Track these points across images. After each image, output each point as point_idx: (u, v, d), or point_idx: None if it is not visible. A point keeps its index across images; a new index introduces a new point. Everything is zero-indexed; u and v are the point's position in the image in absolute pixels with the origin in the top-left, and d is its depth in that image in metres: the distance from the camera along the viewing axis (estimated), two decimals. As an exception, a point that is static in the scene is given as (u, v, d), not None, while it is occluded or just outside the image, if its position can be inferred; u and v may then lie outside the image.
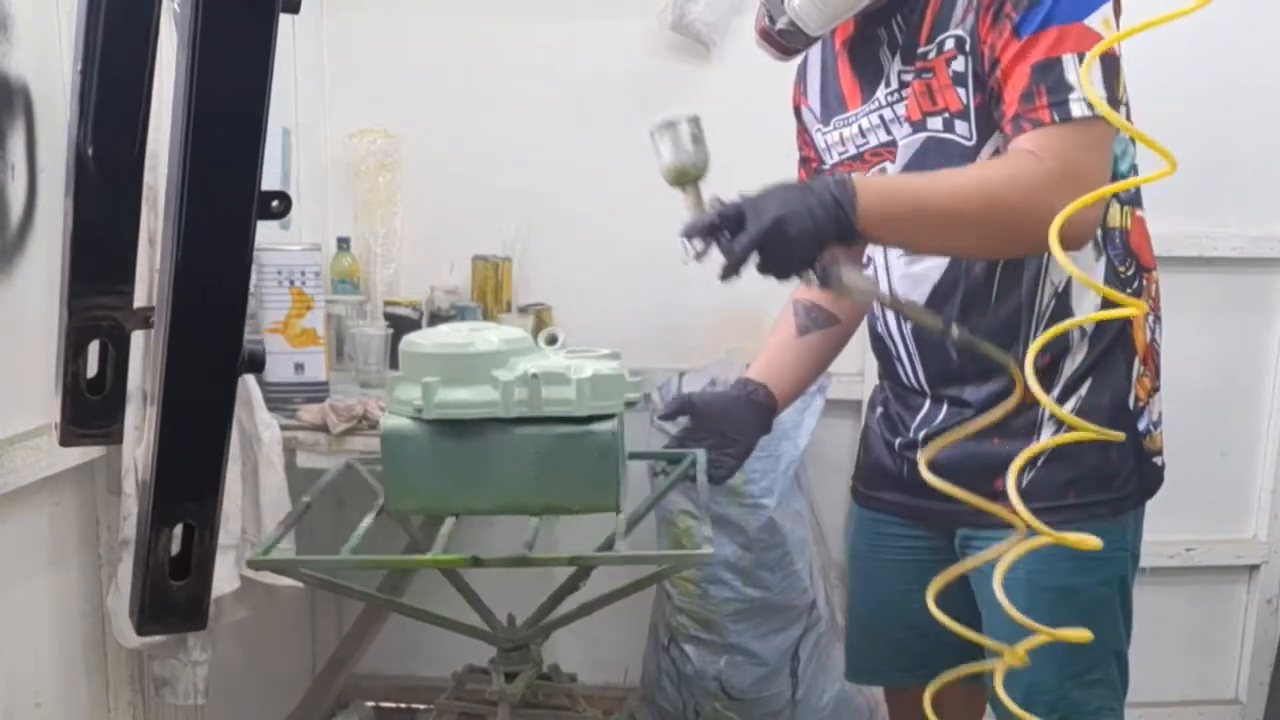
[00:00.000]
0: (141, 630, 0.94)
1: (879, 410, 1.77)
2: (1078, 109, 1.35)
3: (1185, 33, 2.49)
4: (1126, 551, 1.60)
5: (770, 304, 2.74)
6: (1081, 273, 0.93)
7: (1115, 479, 1.56)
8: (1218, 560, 2.78)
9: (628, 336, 2.65)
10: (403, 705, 2.95)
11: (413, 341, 1.46)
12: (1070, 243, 1.39)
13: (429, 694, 2.54)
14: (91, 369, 1.21)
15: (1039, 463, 1.54)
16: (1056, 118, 1.36)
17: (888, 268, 1.63)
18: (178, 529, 0.93)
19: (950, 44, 1.47)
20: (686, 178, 1.36)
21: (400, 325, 2.52)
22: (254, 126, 0.88)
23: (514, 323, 2.52)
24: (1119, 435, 1.06)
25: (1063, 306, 1.52)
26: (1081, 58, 1.35)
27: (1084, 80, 1.33)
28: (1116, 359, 1.55)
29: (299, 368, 2.20)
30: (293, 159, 2.62)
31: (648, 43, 2.66)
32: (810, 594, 2.53)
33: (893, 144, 1.56)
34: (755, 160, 2.67)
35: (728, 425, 1.72)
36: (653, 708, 2.66)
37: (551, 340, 1.52)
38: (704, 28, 2.61)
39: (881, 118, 1.57)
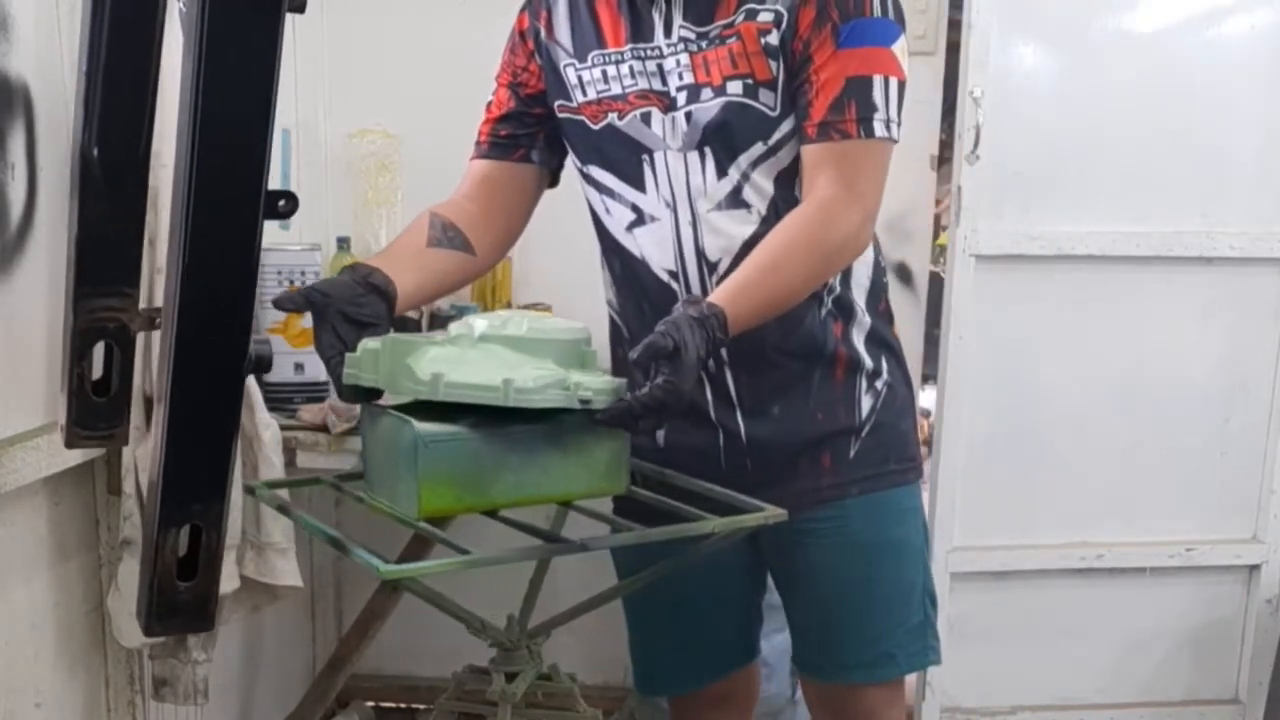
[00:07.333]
0: (149, 631, 0.94)
1: None
2: (880, 129, 1.52)
3: (1187, 30, 2.54)
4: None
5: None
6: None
7: None
8: (1218, 560, 2.77)
9: (628, 336, 2.66)
10: (403, 705, 2.95)
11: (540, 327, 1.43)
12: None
13: (429, 694, 2.55)
14: (96, 371, 1.21)
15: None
16: (862, 134, 1.51)
17: (694, 221, 1.63)
18: (185, 530, 0.93)
19: (767, 16, 1.53)
20: None
21: (400, 325, 2.50)
22: (261, 126, 0.88)
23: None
24: None
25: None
26: (886, 80, 1.51)
27: (889, 103, 1.51)
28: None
29: (299, 368, 2.20)
30: (293, 159, 2.61)
31: (648, 42, 2.65)
32: (811, 594, 2.52)
33: (666, 94, 1.59)
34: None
35: (356, 309, 1.48)
36: (653, 707, 2.66)
37: None
38: (704, 28, 2.61)
39: (660, 66, 1.59)
